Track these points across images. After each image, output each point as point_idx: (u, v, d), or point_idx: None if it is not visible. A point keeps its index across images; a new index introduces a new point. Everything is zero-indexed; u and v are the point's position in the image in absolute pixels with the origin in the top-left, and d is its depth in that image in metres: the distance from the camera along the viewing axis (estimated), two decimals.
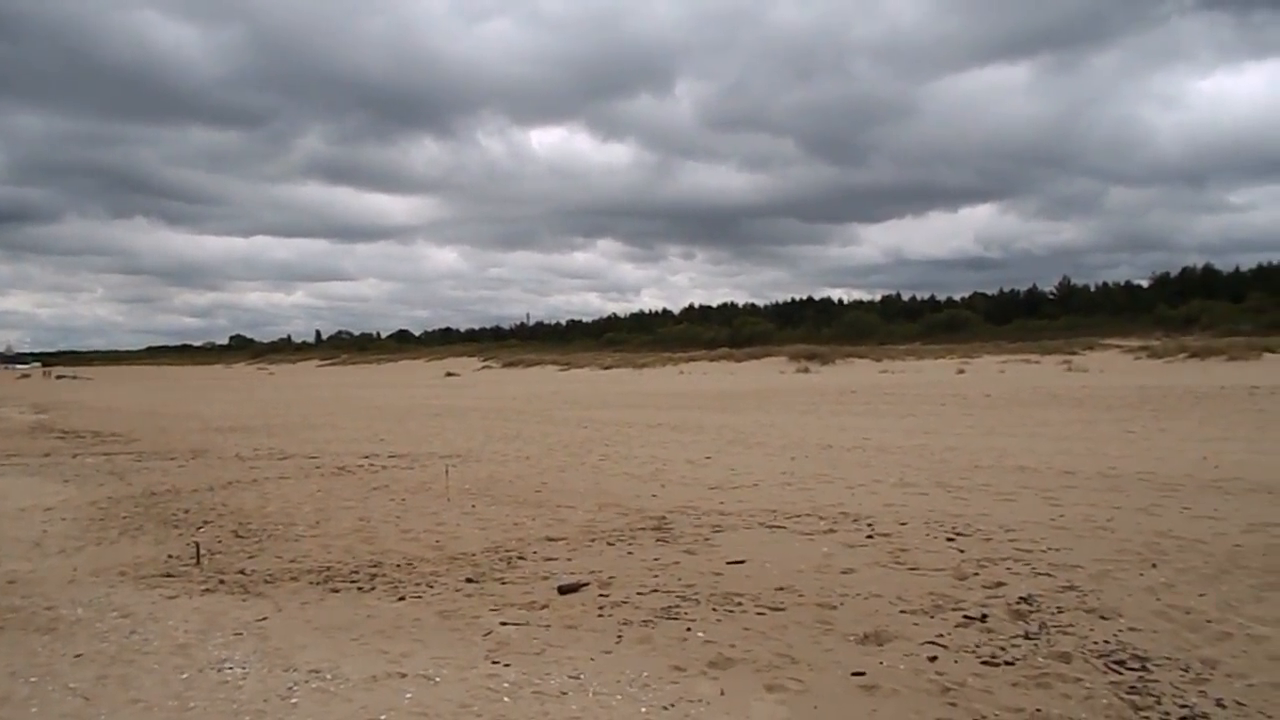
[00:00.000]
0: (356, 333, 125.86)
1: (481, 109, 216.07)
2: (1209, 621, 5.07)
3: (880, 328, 67.06)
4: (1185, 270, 68.02)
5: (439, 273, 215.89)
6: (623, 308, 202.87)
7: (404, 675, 4.56)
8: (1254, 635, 4.82)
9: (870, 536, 7.52)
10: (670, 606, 5.68)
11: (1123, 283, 71.96)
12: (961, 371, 38.92)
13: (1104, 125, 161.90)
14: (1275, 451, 11.96)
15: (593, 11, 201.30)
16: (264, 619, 5.69)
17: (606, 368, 57.47)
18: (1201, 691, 4.13)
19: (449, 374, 59.88)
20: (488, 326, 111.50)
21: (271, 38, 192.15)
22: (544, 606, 5.79)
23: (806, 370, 46.29)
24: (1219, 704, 3.99)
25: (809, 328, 71.96)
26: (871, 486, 10.05)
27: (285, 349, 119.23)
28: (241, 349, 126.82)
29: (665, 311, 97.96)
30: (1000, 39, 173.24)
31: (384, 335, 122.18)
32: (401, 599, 6.12)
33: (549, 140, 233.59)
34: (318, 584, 6.59)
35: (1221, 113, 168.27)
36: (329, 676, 4.57)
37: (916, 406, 21.78)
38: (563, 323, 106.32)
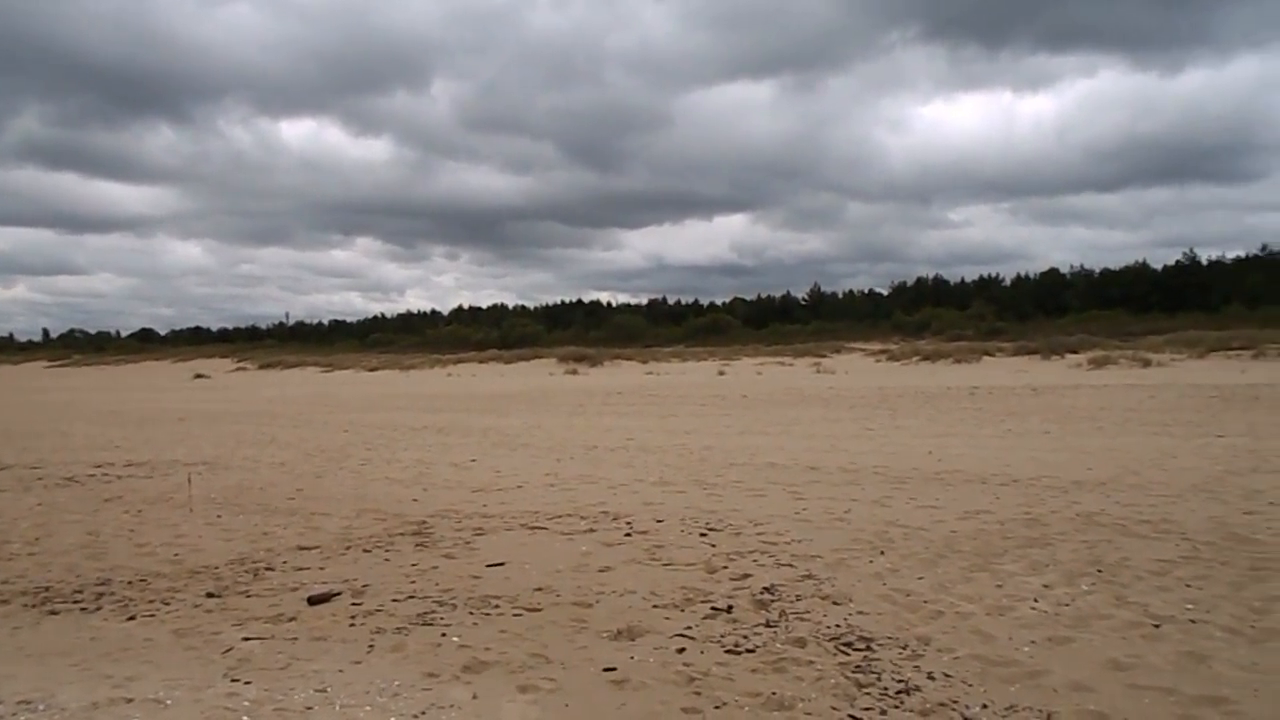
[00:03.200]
0: (92, 331, 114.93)
1: (224, 97, 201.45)
2: (925, 602, 5.58)
3: (646, 330, 69.01)
4: (920, 280, 74.71)
5: (183, 268, 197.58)
6: (387, 308, 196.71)
7: (130, 700, 4.23)
8: (961, 613, 5.35)
9: (628, 534, 7.72)
10: (426, 612, 5.59)
11: (866, 291, 78.01)
12: (722, 373, 40.59)
13: (841, 144, 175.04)
14: (988, 446, 13.30)
15: (342, 2, 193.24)
16: None
17: (372, 369, 55.68)
18: (916, 666, 4.54)
19: (198, 375, 55.90)
20: (243, 326, 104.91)
21: None
22: (291, 619, 5.55)
23: (575, 372, 46.77)
24: (929, 676, 4.40)
25: (578, 330, 72.96)
26: (633, 486, 10.31)
27: (7, 348, 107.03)
28: None
29: (434, 312, 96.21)
30: (745, 57, 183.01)
31: (124, 335, 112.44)
32: (132, 618, 5.68)
33: (299, 132, 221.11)
34: (33, 606, 6.00)
35: (939, 138, 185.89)
36: (41, 707, 4.17)
37: (679, 407, 22.53)
38: (325, 323, 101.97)
